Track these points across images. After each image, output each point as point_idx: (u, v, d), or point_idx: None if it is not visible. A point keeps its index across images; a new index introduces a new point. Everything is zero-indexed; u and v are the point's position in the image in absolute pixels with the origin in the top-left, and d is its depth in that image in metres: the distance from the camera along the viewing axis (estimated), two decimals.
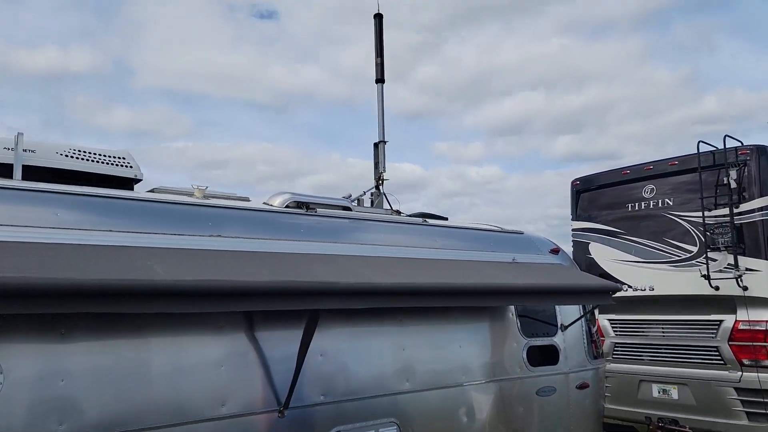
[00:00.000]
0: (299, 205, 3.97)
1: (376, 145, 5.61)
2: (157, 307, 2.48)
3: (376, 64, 5.50)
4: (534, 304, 4.34)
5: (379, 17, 5.52)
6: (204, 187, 3.68)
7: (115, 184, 3.69)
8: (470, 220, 5.25)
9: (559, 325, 4.76)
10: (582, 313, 4.87)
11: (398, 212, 5.20)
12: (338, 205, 4.26)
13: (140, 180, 3.79)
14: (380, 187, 5.48)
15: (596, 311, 6.09)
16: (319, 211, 4.00)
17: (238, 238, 3.35)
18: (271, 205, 3.92)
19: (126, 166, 3.73)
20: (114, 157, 3.70)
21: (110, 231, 2.96)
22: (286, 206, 3.92)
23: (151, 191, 3.78)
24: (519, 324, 4.44)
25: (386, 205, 5.44)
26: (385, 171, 5.49)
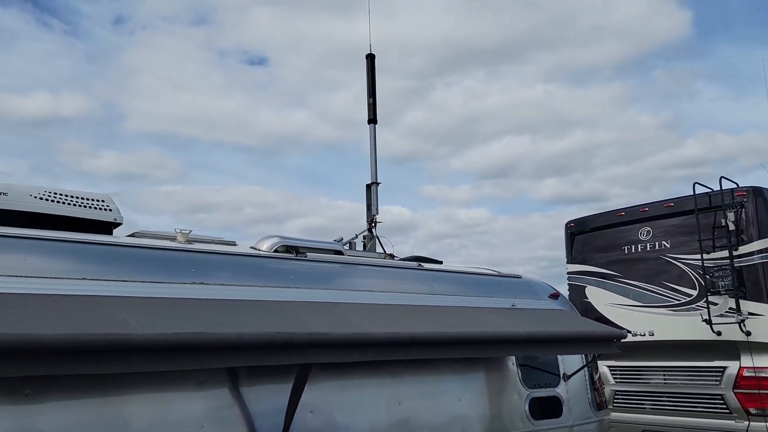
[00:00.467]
0: (288, 249, 3.77)
1: (368, 186, 5.44)
2: (132, 366, 2.25)
3: (369, 104, 5.38)
4: (537, 354, 4.12)
5: (371, 57, 5.44)
6: (187, 231, 3.49)
7: (94, 228, 3.48)
8: (462, 263, 5.08)
9: (561, 375, 4.53)
10: (585, 362, 4.65)
11: (392, 256, 5.02)
12: (329, 249, 4.07)
13: (120, 224, 3.58)
14: (373, 229, 5.30)
15: None
16: (309, 255, 3.81)
17: (223, 285, 3.13)
18: (259, 250, 3.72)
19: (105, 209, 3.52)
20: (92, 200, 3.50)
21: (84, 279, 2.74)
22: (275, 251, 3.73)
23: (132, 235, 3.58)
24: (520, 374, 4.21)
25: (379, 249, 5.25)
26: (378, 213, 5.32)
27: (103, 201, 3.56)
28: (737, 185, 6.71)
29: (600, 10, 22.92)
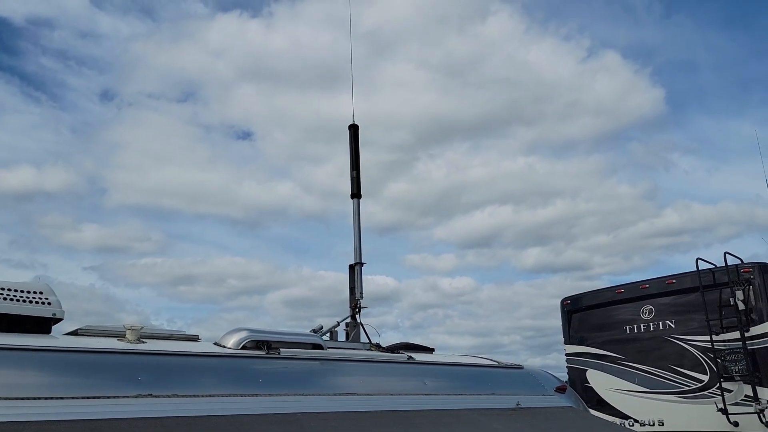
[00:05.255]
0: (259, 345, 3.24)
1: (351, 267, 4.96)
2: None
3: (352, 178, 4.99)
4: None
5: (354, 128, 5.11)
6: (138, 327, 2.96)
7: (29, 326, 2.94)
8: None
9: None
10: None
11: (378, 346, 4.48)
12: (307, 343, 3.54)
13: (60, 319, 3.05)
14: (357, 316, 4.76)
15: None
16: (284, 352, 3.27)
17: (176, 397, 2.58)
18: (224, 347, 3.19)
19: (42, 303, 3.00)
20: (27, 293, 2.97)
21: None
22: (242, 347, 3.19)
23: (73, 333, 3.04)
24: None
25: (363, 338, 4.71)
26: (362, 297, 4.80)
27: (41, 293, 3.03)
28: (741, 261, 6.36)
29: (576, 88, 23.70)
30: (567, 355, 7.53)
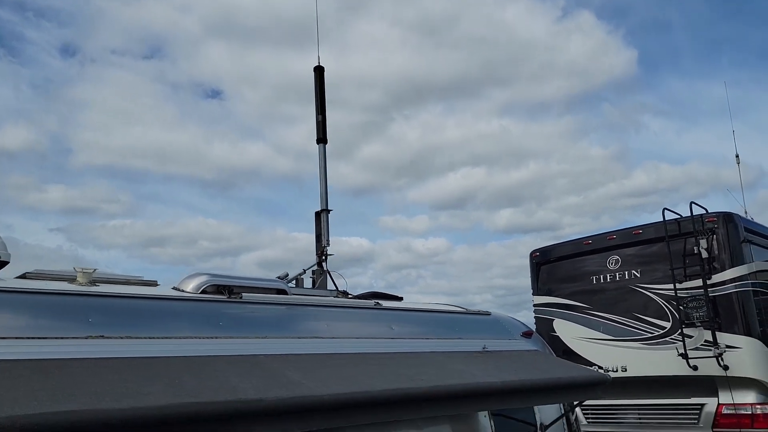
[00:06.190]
0: (219, 289, 3.15)
1: (317, 214, 4.86)
2: None
3: (318, 122, 4.85)
4: (515, 405, 3.57)
5: (319, 70, 4.94)
6: (90, 270, 2.83)
7: None
8: (421, 294, 4.54)
9: (538, 425, 3.99)
10: (563, 409, 4.13)
11: (345, 293, 4.43)
12: (270, 288, 3.46)
13: (6, 263, 2.90)
14: (324, 263, 4.70)
15: None
16: (246, 296, 3.19)
17: (129, 339, 2.49)
18: (183, 291, 3.09)
19: None
20: None
21: None
22: (202, 291, 3.10)
23: (21, 276, 2.90)
24: (493, 426, 3.65)
25: (330, 285, 4.66)
26: (329, 245, 4.73)
27: None
28: (707, 211, 6.44)
29: (550, 48, 23.61)
30: (534, 305, 7.63)
